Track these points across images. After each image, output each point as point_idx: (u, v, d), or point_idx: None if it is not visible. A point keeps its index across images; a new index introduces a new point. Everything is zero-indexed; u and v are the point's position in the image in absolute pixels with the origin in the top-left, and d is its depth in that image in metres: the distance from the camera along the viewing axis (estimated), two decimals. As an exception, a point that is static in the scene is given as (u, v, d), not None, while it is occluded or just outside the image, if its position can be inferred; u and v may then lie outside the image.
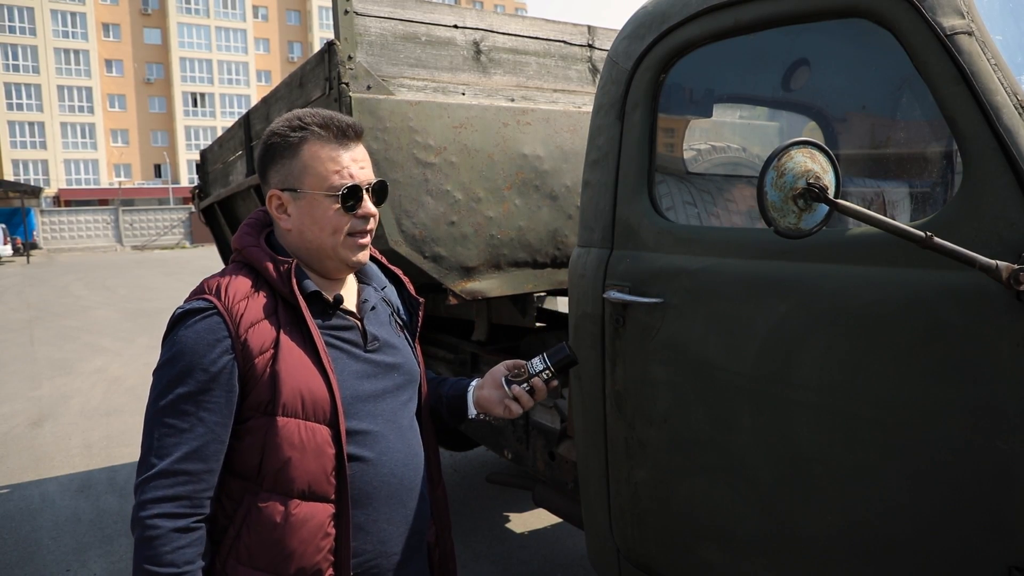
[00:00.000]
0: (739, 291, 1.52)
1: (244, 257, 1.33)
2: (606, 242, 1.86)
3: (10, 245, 29.81)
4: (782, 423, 1.45)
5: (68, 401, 6.77)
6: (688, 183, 2.13)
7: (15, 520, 4.10)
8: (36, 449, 5.38)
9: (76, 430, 5.83)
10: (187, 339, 1.22)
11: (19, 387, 7.40)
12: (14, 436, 5.72)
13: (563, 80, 2.83)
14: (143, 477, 1.19)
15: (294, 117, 1.33)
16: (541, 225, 2.65)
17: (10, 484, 4.68)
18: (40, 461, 5.10)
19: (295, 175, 1.31)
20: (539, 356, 1.51)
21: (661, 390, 1.69)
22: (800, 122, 2.60)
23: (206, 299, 1.25)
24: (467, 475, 4.61)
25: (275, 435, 1.24)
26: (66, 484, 4.65)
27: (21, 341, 10.22)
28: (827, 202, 1.16)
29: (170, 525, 1.18)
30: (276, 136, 1.33)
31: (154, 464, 1.19)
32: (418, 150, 2.40)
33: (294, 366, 1.26)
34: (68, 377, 7.80)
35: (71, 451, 5.30)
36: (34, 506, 4.30)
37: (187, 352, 1.21)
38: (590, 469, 1.95)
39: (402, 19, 2.47)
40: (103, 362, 8.56)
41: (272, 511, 1.25)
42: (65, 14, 50.25)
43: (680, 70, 1.78)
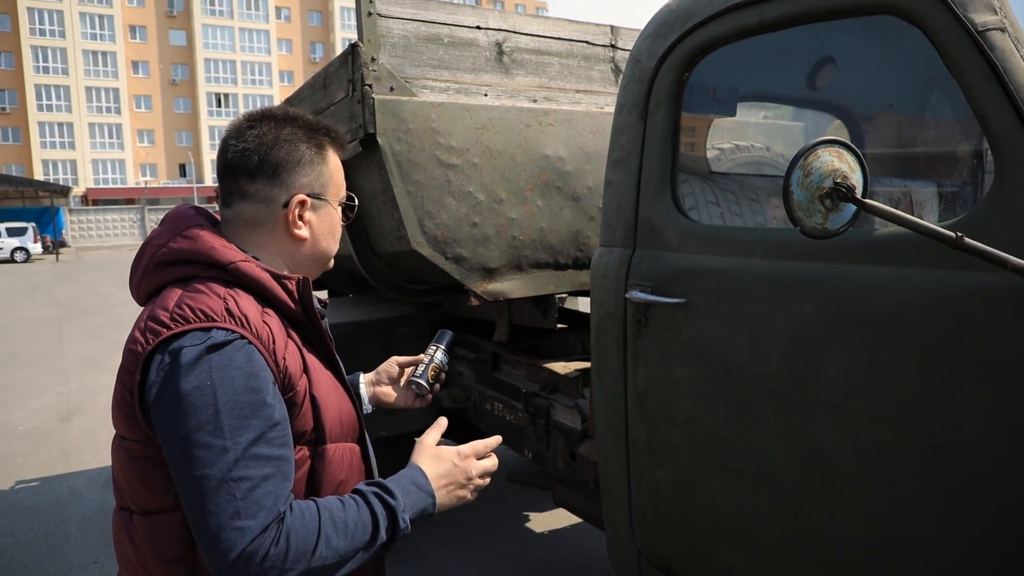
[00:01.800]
0: (763, 292, 1.50)
1: (238, 274, 1.11)
2: (628, 242, 1.85)
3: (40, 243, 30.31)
4: (806, 425, 1.43)
5: (95, 397, 6.87)
6: (711, 182, 2.11)
7: (45, 512, 4.17)
8: (65, 443, 5.46)
9: (103, 425, 5.91)
10: (233, 376, 1.01)
11: (49, 382, 7.52)
12: (44, 430, 5.81)
13: (585, 81, 2.82)
14: (248, 540, 0.97)
15: (313, 121, 1.23)
16: (563, 226, 2.64)
17: (40, 477, 4.75)
18: (69, 455, 5.18)
19: (319, 181, 1.20)
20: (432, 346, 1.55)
21: (683, 391, 1.68)
22: (825, 121, 2.56)
23: (227, 328, 1.04)
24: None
25: (327, 463, 1.16)
26: (93, 478, 4.71)
27: (50, 337, 10.38)
28: (855, 202, 1.14)
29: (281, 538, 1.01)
30: (308, 137, 1.20)
31: (251, 527, 0.98)
32: (440, 151, 2.39)
33: (327, 390, 1.18)
34: (95, 373, 7.91)
35: (98, 446, 5.37)
36: (63, 499, 4.37)
37: (239, 390, 1.01)
38: (611, 469, 1.94)
39: (425, 20, 2.47)
40: (129, 359, 8.66)
41: None
42: (93, 16, 50.97)
43: (704, 68, 1.76)
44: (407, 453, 1.27)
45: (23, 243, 29.09)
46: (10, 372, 8.06)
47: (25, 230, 29.46)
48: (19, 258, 28.80)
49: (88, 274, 21.64)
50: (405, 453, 3.09)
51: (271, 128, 1.18)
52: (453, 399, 3.12)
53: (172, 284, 1.12)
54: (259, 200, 1.17)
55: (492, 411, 2.92)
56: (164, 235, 1.16)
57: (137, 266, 1.18)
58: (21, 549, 3.71)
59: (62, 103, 50.25)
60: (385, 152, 2.33)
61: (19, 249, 28.92)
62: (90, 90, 51.07)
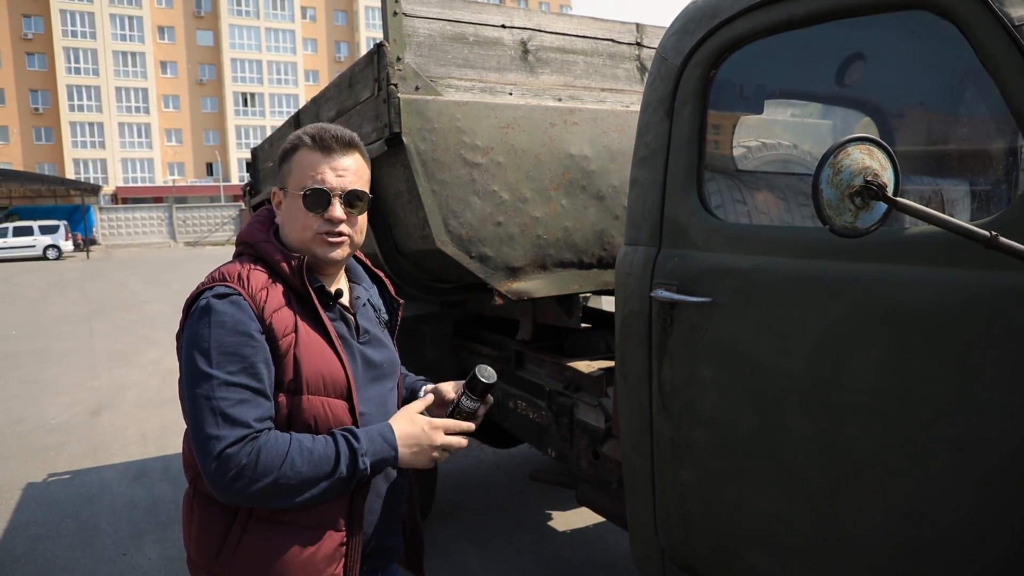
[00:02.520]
0: (791, 291, 1.49)
1: (256, 251, 1.41)
2: (654, 240, 1.84)
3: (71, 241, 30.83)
4: (834, 427, 1.41)
5: (125, 392, 6.98)
6: (738, 181, 2.09)
7: (76, 504, 4.24)
8: (95, 437, 5.55)
9: (132, 420, 6.00)
10: (224, 321, 1.28)
11: (79, 377, 7.65)
12: (75, 424, 5.91)
13: (611, 79, 2.80)
14: (224, 445, 1.23)
15: (300, 130, 1.46)
16: (587, 226, 2.63)
17: (71, 470, 4.84)
18: (98, 449, 5.27)
19: (284, 176, 1.44)
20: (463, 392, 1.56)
21: (709, 390, 1.67)
22: (854, 118, 2.53)
23: (229, 286, 1.32)
24: (510, 472, 4.61)
25: (302, 411, 1.35)
26: (123, 471, 4.79)
27: (81, 333, 10.56)
28: (886, 200, 1.12)
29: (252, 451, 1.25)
30: (286, 143, 1.46)
31: (224, 435, 1.24)
32: (465, 150, 2.40)
33: (313, 349, 1.36)
34: (125, 368, 8.04)
35: (127, 440, 5.46)
36: (93, 492, 4.44)
37: (227, 332, 1.27)
38: (635, 469, 1.93)
39: (450, 20, 2.47)
40: (158, 354, 8.79)
41: None
42: (123, 18, 51.71)
43: (731, 66, 1.74)
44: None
45: (55, 241, 29.62)
46: (43, 367, 8.22)
47: (57, 228, 30.00)
48: (51, 255, 29.34)
49: (118, 272, 21.99)
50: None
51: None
52: (476, 397, 3.13)
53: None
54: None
55: (515, 409, 2.92)
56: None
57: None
58: (54, 540, 3.78)
59: (93, 103, 51.07)
60: (410, 151, 2.34)
61: (51, 247, 29.46)
62: (120, 90, 51.83)
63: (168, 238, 39.81)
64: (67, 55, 49.98)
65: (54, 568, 3.48)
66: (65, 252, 30.15)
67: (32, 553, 3.64)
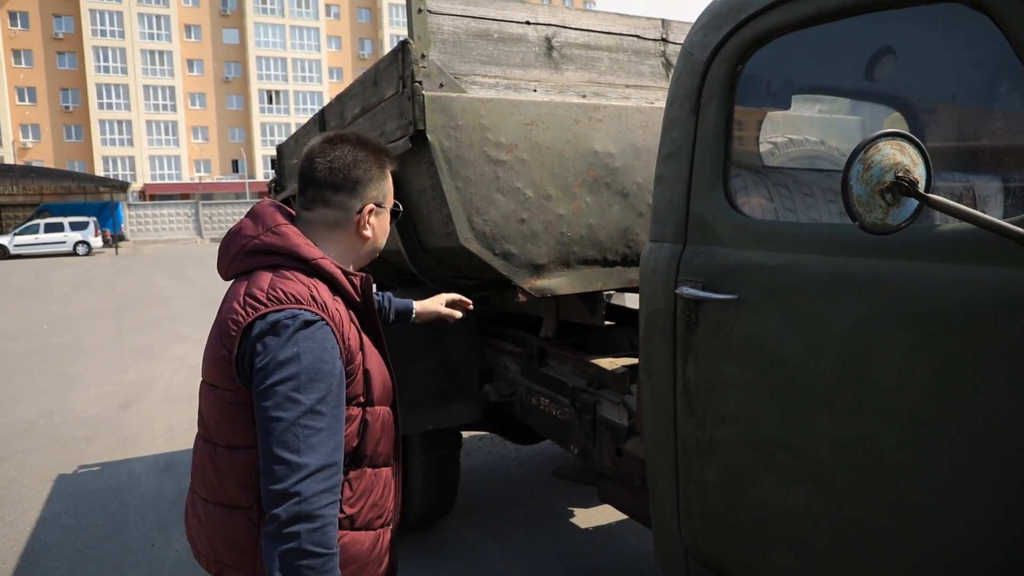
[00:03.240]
0: (819, 288, 1.47)
1: (312, 268, 1.41)
2: (679, 237, 1.83)
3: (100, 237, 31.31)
4: (861, 425, 1.39)
5: (152, 386, 7.08)
6: (764, 177, 2.07)
7: (105, 496, 4.32)
8: (123, 430, 5.64)
9: (160, 413, 6.09)
10: (313, 348, 1.31)
11: (108, 371, 7.78)
12: (104, 417, 6.02)
13: (636, 75, 2.79)
14: (301, 476, 1.25)
15: (377, 145, 1.54)
16: (612, 223, 2.62)
17: (101, 462, 4.92)
18: (127, 442, 5.36)
19: (384, 194, 1.54)
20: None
21: (734, 388, 1.65)
22: (883, 113, 2.49)
23: (312, 311, 1.34)
24: (532, 469, 4.62)
25: (371, 420, 1.47)
26: (151, 464, 4.87)
27: (110, 328, 10.74)
28: (917, 196, 1.11)
29: (334, 512, 1.30)
30: (373, 161, 1.50)
31: (308, 464, 1.26)
32: (489, 148, 2.39)
33: (375, 363, 1.49)
34: (152, 363, 8.16)
35: (155, 433, 5.54)
36: (122, 483, 4.52)
37: (316, 360, 1.31)
38: (659, 467, 1.92)
39: (475, 16, 2.47)
40: (184, 349, 8.91)
41: (371, 479, 1.49)
42: (151, 17, 52.39)
43: (758, 60, 1.72)
44: (449, 448, 1.59)
45: (85, 237, 30.08)
46: (73, 361, 8.36)
47: (87, 224, 30.47)
48: (81, 251, 29.81)
49: (145, 267, 22.31)
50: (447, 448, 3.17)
51: (349, 151, 1.48)
52: (499, 393, 3.13)
53: (261, 268, 1.41)
54: (339, 208, 1.48)
55: (538, 406, 2.92)
56: (254, 228, 1.45)
57: (227, 250, 1.48)
58: (84, 531, 3.85)
59: (121, 101, 51.83)
60: (434, 148, 2.34)
61: (81, 243, 29.92)
62: (147, 88, 52.54)
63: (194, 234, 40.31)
64: (96, 54, 50.76)
65: (84, 558, 3.55)
66: (94, 248, 30.61)
67: (63, 543, 3.71)
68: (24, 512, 4.11)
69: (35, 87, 49.90)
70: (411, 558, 3.38)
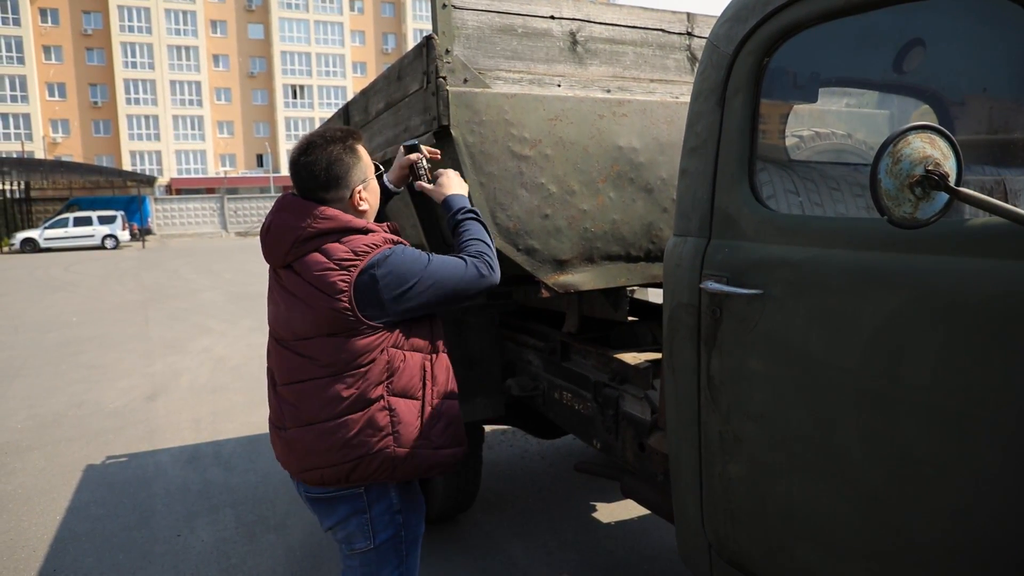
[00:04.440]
0: (846, 283, 1.45)
1: (365, 229, 1.86)
2: (703, 231, 1.82)
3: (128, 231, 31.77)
4: (891, 423, 1.38)
5: (179, 378, 7.19)
6: (790, 171, 2.05)
7: (133, 486, 4.40)
8: (150, 422, 5.74)
9: (186, 405, 6.19)
10: (402, 258, 1.83)
11: (136, 364, 7.91)
12: (132, 409, 6.12)
13: (660, 70, 2.77)
14: (474, 269, 1.92)
15: (339, 131, 1.90)
16: (635, 218, 2.60)
17: (128, 453, 5.01)
18: (154, 433, 5.45)
19: (364, 171, 1.93)
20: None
21: (759, 384, 1.64)
22: (912, 106, 2.45)
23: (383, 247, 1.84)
24: (555, 463, 4.63)
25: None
26: (177, 455, 4.94)
27: (138, 321, 10.91)
28: (948, 190, 1.09)
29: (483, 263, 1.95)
30: (344, 147, 1.88)
31: (468, 262, 1.93)
32: (513, 143, 2.39)
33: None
34: (179, 355, 8.28)
35: (181, 425, 5.63)
36: (149, 474, 4.60)
37: (408, 258, 1.84)
38: (682, 462, 1.91)
39: (499, 11, 2.46)
40: (210, 342, 9.03)
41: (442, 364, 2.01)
42: (177, 13, 52.98)
43: (784, 53, 1.71)
44: (474, 442, 1.96)
45: (113, 231, 30.54)
46: (101, 353, 8.51)
47: (114, 218, 30.93)
48: (109, 245, 30.28)
49: (172, 261, 22.62)
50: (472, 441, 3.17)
51: (320, 154, 1.86)
52: (522, 388, 3.14)
53: (316, 249, 1.80)
54: (335, 200, 1.88)
55: (560, 400, 2.92)
56: (298, 219, 1.83)
57: (281, 241, 1.84)
58: (112, 520, 3.92)
59: (148, 96, 52.49)
60: (458, 144, 2.35)
61: (109, 236, 30.39)
62: (174, 84, 53.17)
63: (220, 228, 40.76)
64: (124, 50, 51.45)
65: (112, 547, 3.62)
66: (122, 242, 31.07)
67: (92, 532, 3.79)
68: (54, 501, 4.20)
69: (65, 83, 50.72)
70: (433, 552, 3.41)
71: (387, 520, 1.96)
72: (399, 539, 1.99)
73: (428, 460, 1.93)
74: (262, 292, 13.94)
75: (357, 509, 1.93)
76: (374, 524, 1.94)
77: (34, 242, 29.36)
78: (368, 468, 1.85)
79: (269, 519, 3.90)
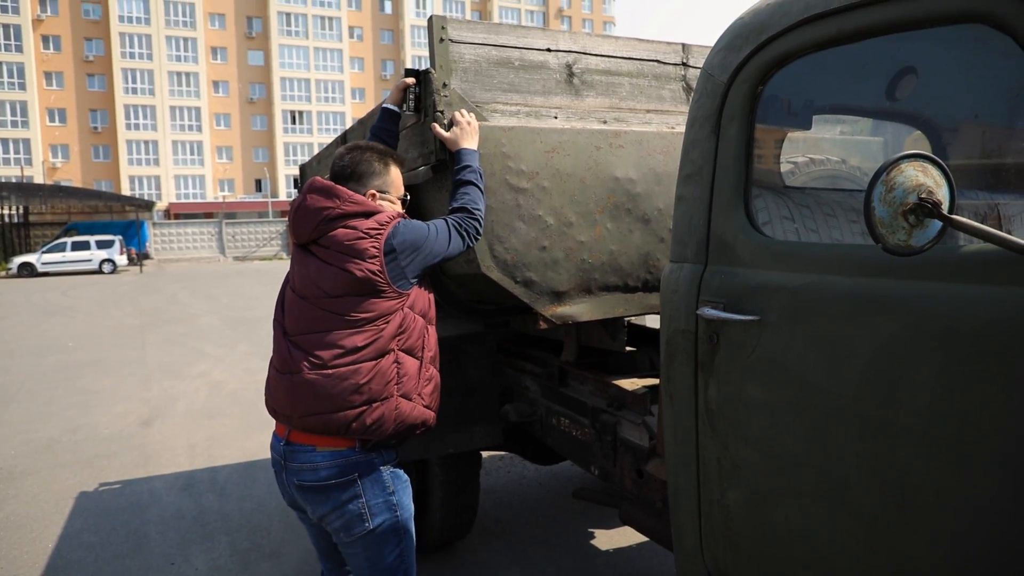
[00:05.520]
0: (842, 309, 1.46)
1: (389, 212, 2.10)
2: (700, 257, 1.83)
3: (125, 255, 31.77)
4: (889, 449, 1.38)
5: (175, 403, 7.15)
6: (785, 197, 2.07)
7: (126, 513, 4.35)
8: (146, 447, 5.70)
9: (181, 431, 6.15)
10: (414, 224, 2.09)
11: (132, 388, 7.87)
12: (127, 434, 6.08)
13: (656, 100, 2.79)
14: (466, 228, 2.19)
15: (384, 149, 2.20)
16: (633, 249, 2.61)
17: (122, 479, 4.97)
18: (149, 459, 5.40)
19: (387, 183, 2.18)
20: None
21: (757, 410, 1.64)
22: (905, 132, 2.48)
23: (398, 218, 2.08)
24: (552, 489, 4.59)
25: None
26: (172, 482, 4.90)
27: (134, 345, 10.87)
28: (941, 218, 1.10)
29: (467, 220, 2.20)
30: (379, 158, 2.16)
31: (459, 223, 2.18)
32: (511, 175, 2.40)
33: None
34: (175, 380, 8.24)
35: (176, 451, 5.58)
36: (143, 501, 4.56)
37: (417, 225, 2.10)
38: (680, 489, 1.90)
39: (496, 44, 2.48)
40: (207, 367, 9.00)
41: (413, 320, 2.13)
42: (178, 39, 53.42)
43: (778, 81, 1.73)
44: (468, 468, 2.11)
45: (111, 255, 30.54)
46: (98, 378, 8.47)
47: (112, 243, 30.96)
48: (107, 269, 30.27)
49: (170, 285, 22.60)
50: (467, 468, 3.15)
51: (358, 153, 2.15)
52: (519, 414, 3.13)
53: (341, 227, 2.01)
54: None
55: (558, 426, 2.91)
56: (327, 200, 2.03)
57: (307, 219, 2.04)
58: (105, 548, 3.88)
59: (148, 122, 52.75)
60: None
61: (107, 261, 30.38)
62: (174, 109, 53.48)
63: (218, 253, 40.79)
64: (125, 76, 51.79)
65: (105, 575, 3.57)
66: (120, 266, 31.07)
67: (84, 560, 3.74)
68: (46, 528, 4.16)
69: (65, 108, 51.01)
70: (430, 579, 3.37)
71: (382, 503, 2.06)
72: (396, 519, 2.09)
73: (419, 416, 2.11)
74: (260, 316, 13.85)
75: (353, 495, 2.03)
76: (371, 508, 2.04)
77: (31, 266, 29.35)
78: (371, 416, 1.99)
79: (264, 547, 3.86)
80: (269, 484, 4.78)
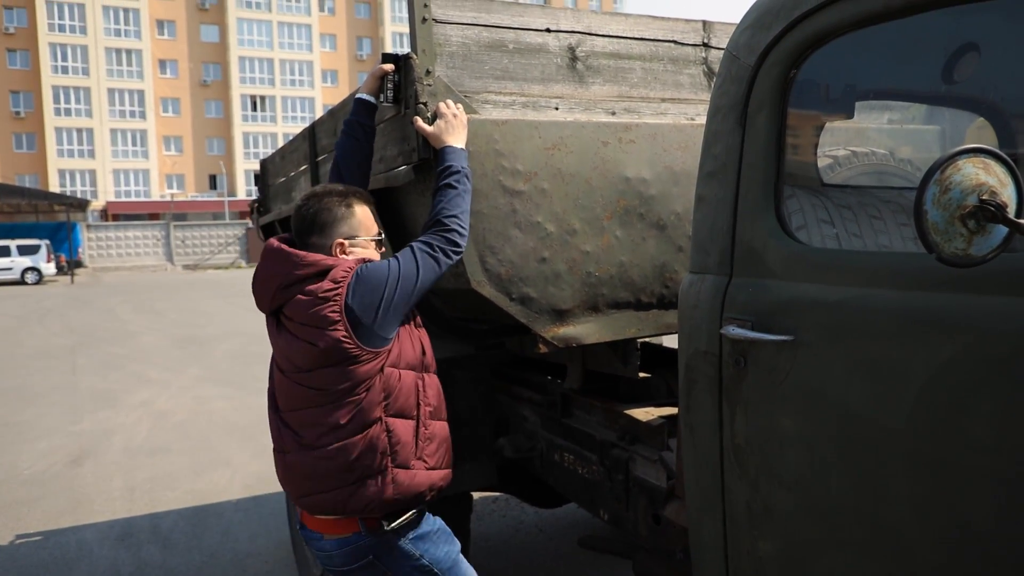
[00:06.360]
0: (891, 329, 1.46)
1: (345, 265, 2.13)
2: (724, 268, 1.83)
3: (53, 263, 31.71)
4: (946, 490, 1.38)
5: (111, 437, 7.12)
6: (824, 197, 2.08)
7: (49, 571, 4.32)
8: (75, 491, 5.67)
9: (118, 470, 6.12)
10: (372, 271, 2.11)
11: (59, 420, 7.84)
12: (52, 475, 6.05)
13: (673, 87, 2.79)
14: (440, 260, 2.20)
15: (343, 188, 2.27)
16: (646, 260, 2.62)
17: (45, 531, 4.93)
18: (79, 504, 5.37)
19: (354, 228, 2.23)
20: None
21: (792, 445, 1.64)
22: (966, 120, 2.49)
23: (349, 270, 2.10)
24: (554, 536, 4.58)
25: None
26: (105, 531, 4.87)
27: (63, 369, 10.84)
28: (1006, 223, 1.10)
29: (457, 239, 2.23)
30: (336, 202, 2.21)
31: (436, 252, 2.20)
32: (505, 177, 2.41)
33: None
34: (112, 410, 8.21)
35: (112, 494, 5.56)
36: (70, 555, 4.52)
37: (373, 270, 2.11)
38: (704, 537, 1.90)
39: (487, 25, 2.48)
40: (150, 394, 8.97)
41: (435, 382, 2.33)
42: (118, 11, 53.46)
43: (814, 64, 1.74)
44: (457, 512, 1.92)
45: (35, 263, 30.50)
46: (17, 408, 8.44)
47: (38, 248, 30.92)
48: (30, 279, 30.22)
49: (107, 298, 22.56)
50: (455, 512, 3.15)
51: (316, 201, 2.21)
52: (516, 448, 3.12)
53: (305, 288, 2.07)
54: (317, 247, 2.18)
55: (561, 463, 2.91)
56: (280, 266, 2.13)
57: (264, 289, 2.18)
58: (27, 609, 3.85)
59: (82, 107, 52.76)
60: None
61: (31, 269, 30.34)
62: (112, 92, 53.50)
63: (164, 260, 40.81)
64: (53, 52, 51.79)
65: (28, 641, 3.55)
66: (46, 276, 31.02)
67: (3, 624, 3.72)
68: (-43, 588, 4.13)
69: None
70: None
71: (411, 568, 2.22)
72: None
73: (423, 482, 2.19)
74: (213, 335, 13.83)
75: (380, 573, 2.22)
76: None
77: (-60, 277, 29.29)
78: (365, 494, 2.10)
79: (215, 607, 3.84)
80: (223, 532, 4.75)
